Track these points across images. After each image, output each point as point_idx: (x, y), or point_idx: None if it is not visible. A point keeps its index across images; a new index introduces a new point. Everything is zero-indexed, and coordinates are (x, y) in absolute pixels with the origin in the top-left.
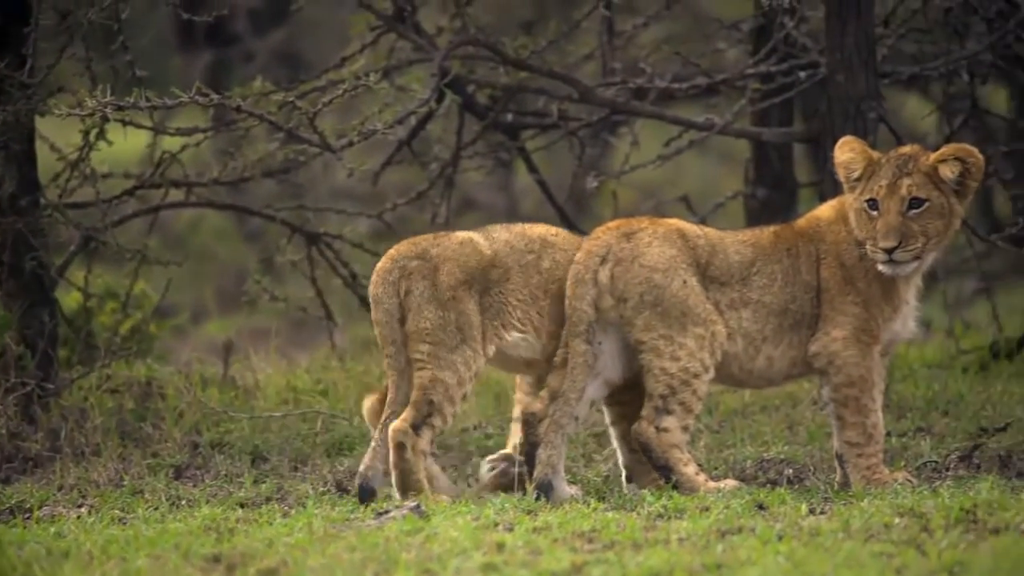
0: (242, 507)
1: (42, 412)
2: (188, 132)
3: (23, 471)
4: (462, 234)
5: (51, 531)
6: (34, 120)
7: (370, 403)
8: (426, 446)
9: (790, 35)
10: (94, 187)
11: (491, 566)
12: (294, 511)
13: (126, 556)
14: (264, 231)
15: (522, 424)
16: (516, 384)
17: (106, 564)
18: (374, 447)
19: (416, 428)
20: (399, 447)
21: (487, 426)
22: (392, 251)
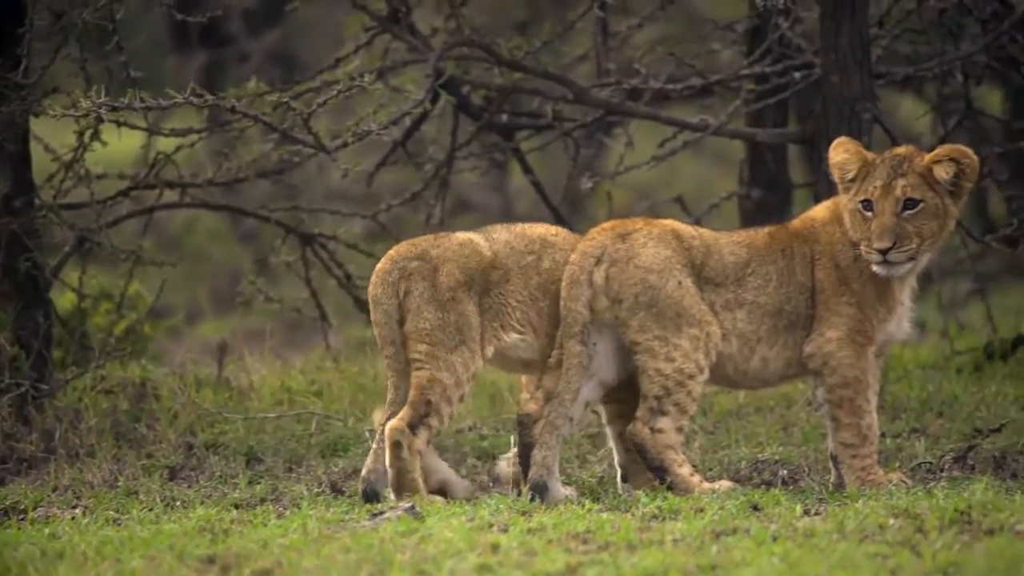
0: (237, 508)
1: (36, 413)
2: (183, 133)
3: (17, 472)
4: (462, 235)
5: (46, 532)
6: (28, 121)
7: (380, 416)
8: (422, 445)
9: (784, 36)
10: (88, 188)
11: (486, 567)
12: (289, 512)
13: (121, 557)
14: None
15: (517, 425)
16: (522, 384)
17: (100, 565)
18: (375, 450)
19: (413, 427)
20: (395, 446)
21: (482, 427)
22: (392, 252)
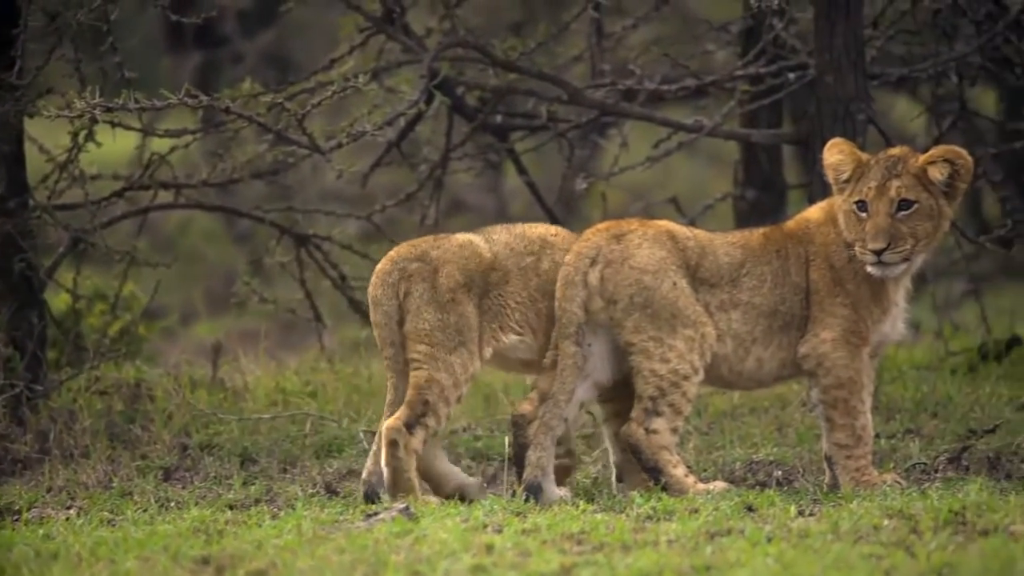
0: (231, 509)
1: (31, 414)
2: (177, 133)
3: (12, 473)
4: (462, 236)
5: (40, 533)
6: (23, 121)
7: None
8: (419, 445)
9: (779, 37)
10: (83, 188)
11: (480, 568)
12: (283, 513)
13: (115, 558)
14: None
15: (511, 426)
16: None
17: (95, 566)
18: (374, 452)
19: (409, 426)
20: (392, 444)
21: (476, 428)
22: (392, 253)
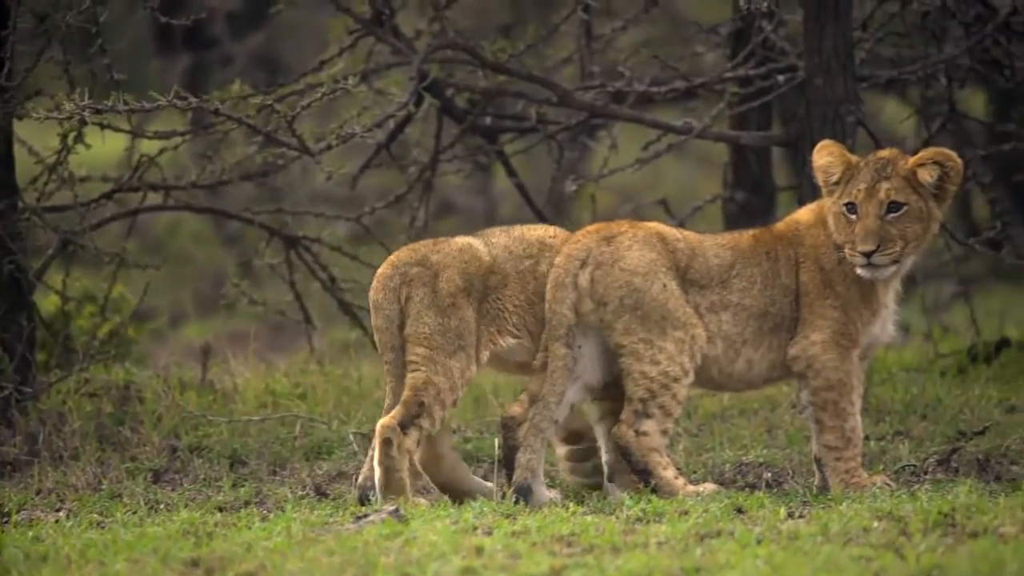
0: (220, 511)
1: (20, 416)
2: (166, 135)
3: (1, 475)
4: (461, 240)
5: (29, 535)
6: (12, 123)
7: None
8: (412, 446)
9: (768, 39)
10: (72, 190)
11: (470, 570)
12: (273, 515)
13: (104, 560)
14: (242, 235)
15: (501, 428)
16: None
17: (84, 568)
18: (371, 455)
19: (404, 426)
20: (385, 443)
21: (466, 430)
22: (392, 257)
